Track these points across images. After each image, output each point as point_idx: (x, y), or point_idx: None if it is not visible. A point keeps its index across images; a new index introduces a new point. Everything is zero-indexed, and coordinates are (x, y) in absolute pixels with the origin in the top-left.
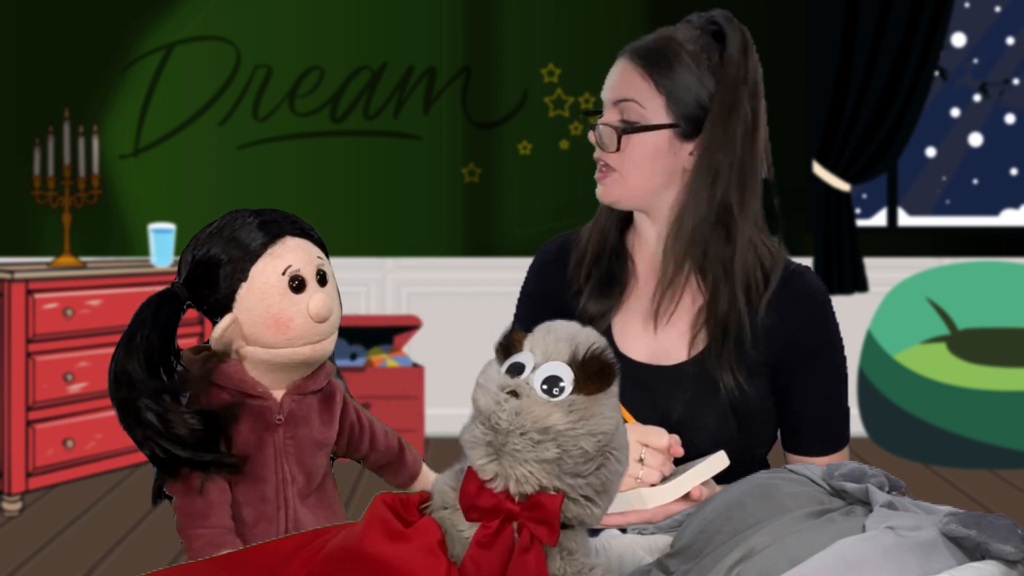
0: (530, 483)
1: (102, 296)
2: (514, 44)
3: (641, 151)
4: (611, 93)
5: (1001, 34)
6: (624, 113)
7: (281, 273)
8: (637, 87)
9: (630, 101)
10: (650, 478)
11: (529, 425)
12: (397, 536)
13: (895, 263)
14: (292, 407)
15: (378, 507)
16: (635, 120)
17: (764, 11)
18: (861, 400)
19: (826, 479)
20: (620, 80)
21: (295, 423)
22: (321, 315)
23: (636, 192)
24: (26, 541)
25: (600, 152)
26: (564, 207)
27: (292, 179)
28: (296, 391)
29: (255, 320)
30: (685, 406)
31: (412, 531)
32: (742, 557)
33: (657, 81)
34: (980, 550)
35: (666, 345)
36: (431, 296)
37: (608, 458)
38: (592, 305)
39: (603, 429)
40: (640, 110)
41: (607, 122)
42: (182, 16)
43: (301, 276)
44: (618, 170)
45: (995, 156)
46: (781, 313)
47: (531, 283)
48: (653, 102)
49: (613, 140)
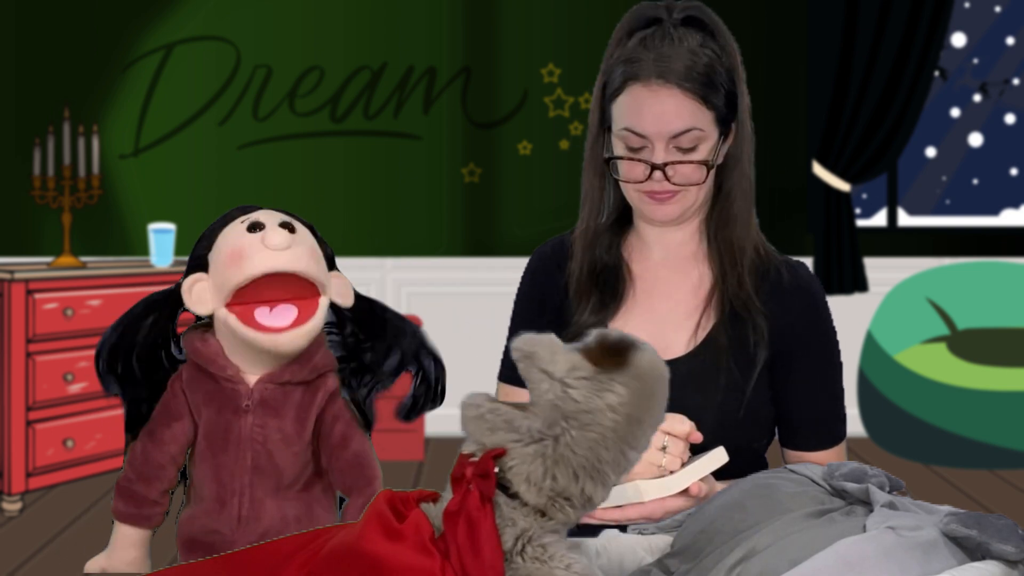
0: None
1: (102, 296)
2: (514, 44)
3: (707, 171)
4: (665, 126)
5: (1001, 34)
6: (681, 141)
7: (240, 222)
8: (696, 114)
9: (693, 131)
10: (672, 466)
11: None
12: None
13: (895, 263)
14: (264, 395)
15: (377, 505)
16: (693, 145)
17: (764, 11)
18: (861, 400)
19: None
20: (673, 112)
21: (265, 412)
22: (274, 242)
23: (696, 205)
24: (26, 541)
25: (666, 185)
26: (564, 207)
27: (292, 179)
28: (270, 379)
29: (218, 266)
30: (684, 399)
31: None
32: (743, 557)
33: (708, 101)
34: (981, 550)
35: (664, 340)
36: (431, 296)
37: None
38: (590, 318)
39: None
40: (700, 134)
41: (676, 159)
42: (182, 16)
43: (260, 222)
44: (684, 193)
45: (995, 156)
46: (777, 306)
47: (527, 286)
48: (708, 123)
49: (702, 174)
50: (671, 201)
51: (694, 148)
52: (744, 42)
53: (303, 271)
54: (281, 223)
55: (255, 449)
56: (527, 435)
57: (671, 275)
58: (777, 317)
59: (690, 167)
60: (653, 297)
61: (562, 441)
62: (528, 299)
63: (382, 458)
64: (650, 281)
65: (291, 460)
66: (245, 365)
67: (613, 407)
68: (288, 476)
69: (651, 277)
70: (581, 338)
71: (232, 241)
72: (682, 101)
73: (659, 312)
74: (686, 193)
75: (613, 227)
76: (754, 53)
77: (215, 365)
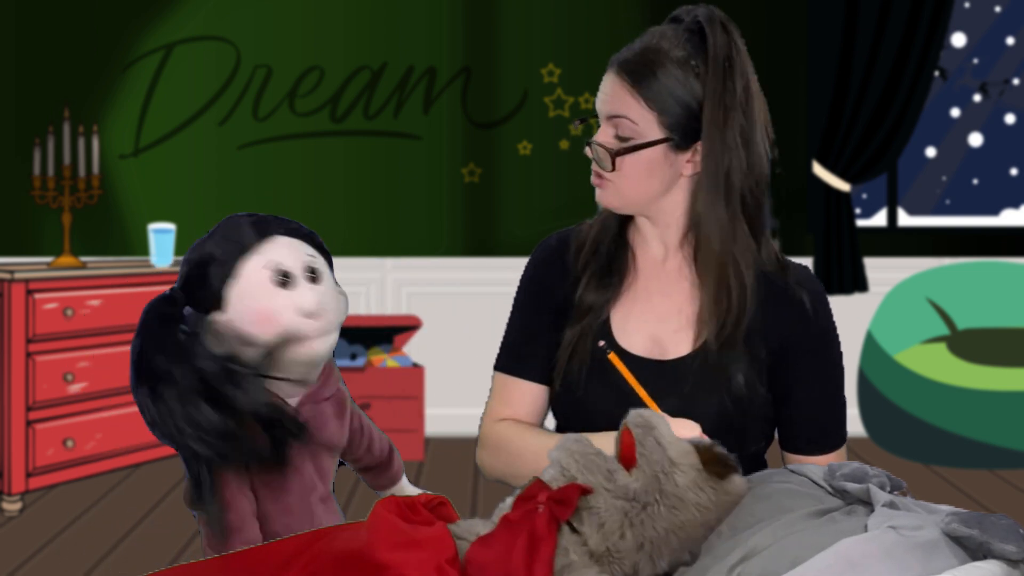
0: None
1: (102, 296)
2: (514, 44)
3: (635, 168)
4: (604, 107)
5: (1001, 34)
6: (618, 128)
7: (263, 267)
8: (627, 104)
9: (622, 118)
10: None
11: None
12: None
13: (895, 263)
14: (308, 415)
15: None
16: (629, 136)
17: (764, 11)
18: (861, 400)
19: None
20: (611, 96)
21: (312, 430)
22: (308, 308)
23: (633, 201)
24: (26, 541)
25: (594, 165)
26: (564, 207)
27: (292, 179)
28: (310, 399)
29: (243, 316)
30: (683, 402)
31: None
32: (743, 557)
33: (646, 97)
34: (982, 550)
35: (666, 339)
36: (431, 296)
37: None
38: (590, 295)
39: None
40: (632, 126)
41: (601, 141)
42: (182, 16)
43: (287, 271)
44: (614, 182)
45: (995, 156)
46: (779, 310)
47: (530, 275)
48: (645, 118)
49: (608, 160)
50: (603, 188)
51: (628, 139)
52: (744, 42)
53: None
54: (306, 267)
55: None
56: (621, 490)
57: (672, 276)
58: (779, 321)
59: (601, 150)
60: (653, 293)
61: (649, 511)
62: (531, 289)
63: None
64: (652, 277)
65: (333, 469)
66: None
67: (700, 506)
68: (330, 483)
69: (653, 273)
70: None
71: (261, 298)
72: (617, 87)
73: (659, 311)
74: (616, 183)
75: (620, 220)
76: (754, 53)
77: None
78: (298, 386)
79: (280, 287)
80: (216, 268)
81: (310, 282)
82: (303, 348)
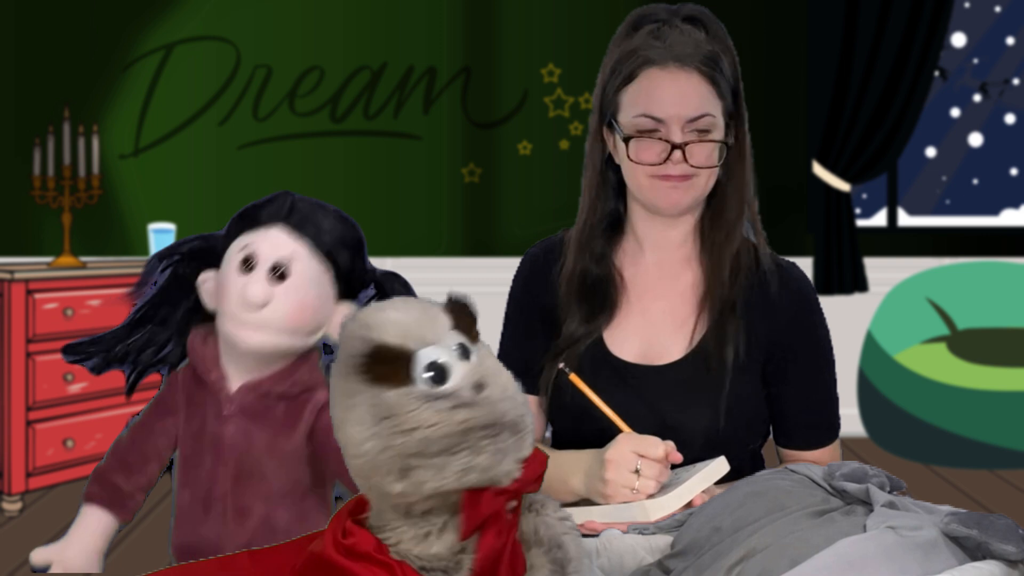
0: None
1: (102, 296)
2: (514, 44)
3: (716, 159)
4: (684, 108)
5: (1001, 34)
6: (698, 124)
7: (239, 249)
8: (710, 100)
9: (707, 116)
10: (646, 489)
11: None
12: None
13: (895, 263)
14: (243, 402)
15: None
16: (709, 129)
17: (764, 11)
18: (861, 400)
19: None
20: (692, 95)
21: (247, 420)
22: (246, 298)
23: (704, 194)
24: (26, 541)
25: (684, 167)
26: (564, 207)
27: (292, 179)
28: (248, 387)
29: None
30: (679, 404)
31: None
32: (743, 557)
33: (718, 90)
34: (981, 550)
35: (659, 344)
36: (431, 296)
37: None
38: (581, 328)
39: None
40: (713, 120)
41: (694, 139)
42: (182, 16)
43: (253, 259)
44: (699, 177)
45: (995, 156)
46: (770, 306)
47: (519, 292)
48: (719, 112)
49: (713, 156)
50: (683, 187)
51: (708, 132)
52: (744, 42)
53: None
54: (274, 264)
55: (238, 456)
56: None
57: (664, 278)
58: (769, 318)
59: (708, 147)
60: (646, 300)
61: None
62: (521, 303)
63: None
64: (643, 285)
65: (277, 470)
66: (231, 371)
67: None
68: (276, 485)
69: (644, 280)
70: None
71: (226, 270)
72: (699, 84)
73: (653, 316)
74: (697, 180)
75: (606, 232)
76: (754, 53)
77: (202, 367)
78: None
79: (239, 271)
80: (231, 229)
81: (270, 277)
82: (236, 333)
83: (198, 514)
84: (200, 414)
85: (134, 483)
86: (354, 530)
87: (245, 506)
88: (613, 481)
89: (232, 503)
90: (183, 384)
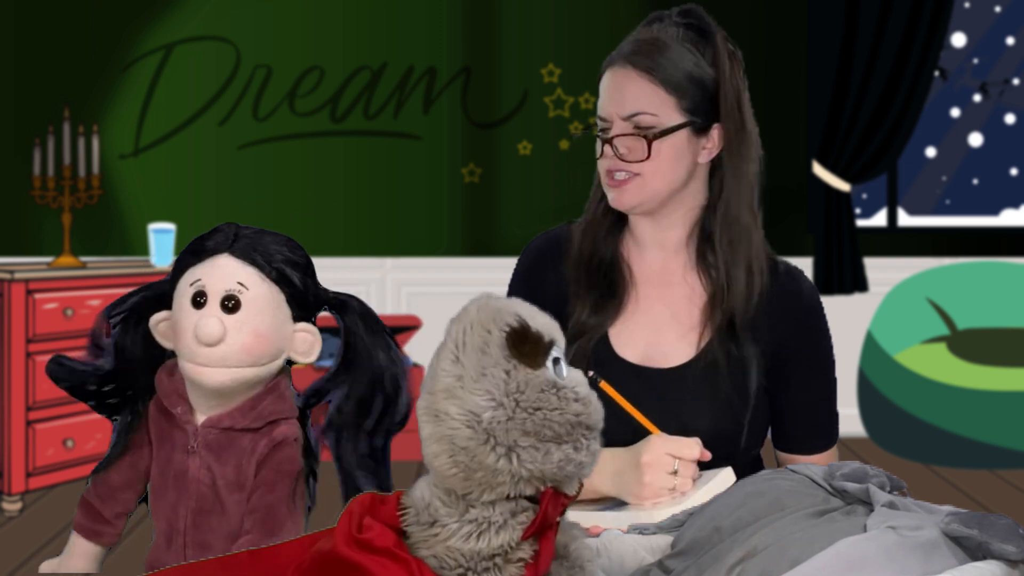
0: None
1: (102, 296)
2: (514, 44)
3: (668, 154)
4: (619, 107)
5: (1001, 34)
6: (637, 124)
7: (189, 284)
8: (645, 95)
9: (641, 114)
10: (685, 488)
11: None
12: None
13: (895, 263)
14: (208, 438)
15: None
16: (651, 126)
17: (764, 11)
18: (861, 400)
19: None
20: (625, 92)
21: (211, 455)
22: (201, 337)
23: (658, 195)
24: (26, 541)
25: (617, 163)
26: (564, 207)
27: (292, 179)
28: (211, 423)
29: (172, 321)
30: (684, 408)
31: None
32: (743, 557)
33: (663, 81)
34: (982, 550)
35: (666, 347)
36: (431, 296)
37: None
38: (586, 317)
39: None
40: (653, 118)
41: (627, 132)
42: (182, 16)
43: (204, 293)
44: (643, 175)
45: (995, 156)
46: (773, 312)
47: (519, 284)
48: (665, 104)
49: (643, 148)
50: (627, 186)
51: (652, 128)
52: (744, 42)
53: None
54: (225, 296)
55: (200, 492)
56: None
57: (668, 280)
58: (774, 325)
59: (633, 139)
60: (650, 299)
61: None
62: (521, 293)
63: None
64: (647, 283)
65: (239, 505)
66: (196, 404)
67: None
68: (237, 520)
69: (648, 279)
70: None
71: (178, 311)
72: (634, 80)
73: (659, 319)
74: (642, 180)
75: (612, 221)
76: (754, 53)
77: (168, 400)
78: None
79: (194, 307)
80: (179, 265)
81: (223, 310)
82: (190, 369)
83: (162, 546)
84: (168, 447)
85: (110, 510)
86: (373, 525)
87: (205, 541)
88: (651, 484)
89: (192, 538)
90: (153, 417)
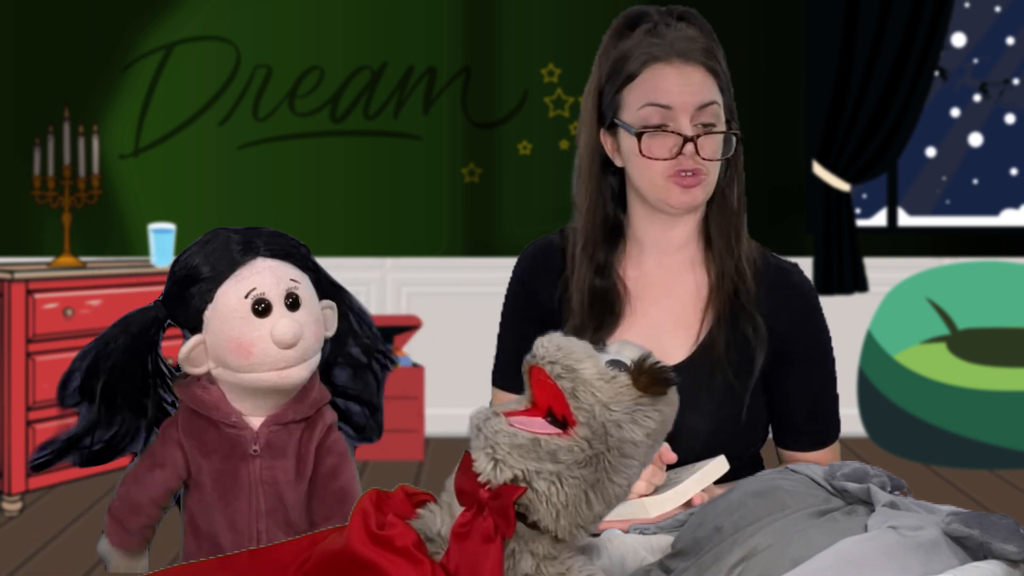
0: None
1: (102, 296)
2: (514, 44)
3: (725, 151)
4: (696, 97)
5: (1001, 34)
6: (702, 116)
7: (244, 296)
8: (714, 91)
9: (714, 104)
10: (637, 489)
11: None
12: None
13: (895, 263)
14: (270, 437)
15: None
16: (714, 120)
17: (764, 11)
18: (861, 400)
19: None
20: (704, 84)
21: (272, 454)
22: (284, 341)
23: (711, 191)
24: (26, 541)
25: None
26: (564, 207)
27: (292, 179)
28: (274, 420)
29: (219, 343)
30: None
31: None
32: (743, 557)
33: (720, 82)
34: (982, 550)
35: (663, 346)
36: (431, 296)
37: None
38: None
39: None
40: (719, 110)
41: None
42: (182, 16)
43: (266, 300)
44: (709, 172)
45: (995, 156)
46: (771, 309)
47: (516, 295)
48: (721, 101)
49: (729, 147)
50: (696, 184)
51: (713, 126)
52: (744, 42)
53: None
54: (287, 295)
55: (267, 492)
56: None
57: (666, 281)
58: (772, 320)
59: (717, 139)
60: (648, 303)
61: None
62: (518, 304)
63: (382, 458)
64: (645, 288)
65: (299, 498)
66: (248, 409)
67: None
68: (296, 514)
69: (646, 283)
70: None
71: (235, 324)
72: (704, 76)
73: (656, 318)
74: (709, 176)
75: (606, 241)
76: (754, 53)
77: (219, 412)
78: (263, 407)
79: (257, 316)
80: (197, 290)
81: (289, 309)
82: (275, 377)
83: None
84: (217, 458)
85: (135, 523)
86: (397, 523)
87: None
88: None
89: (266, 541)
90: (184, 434)
